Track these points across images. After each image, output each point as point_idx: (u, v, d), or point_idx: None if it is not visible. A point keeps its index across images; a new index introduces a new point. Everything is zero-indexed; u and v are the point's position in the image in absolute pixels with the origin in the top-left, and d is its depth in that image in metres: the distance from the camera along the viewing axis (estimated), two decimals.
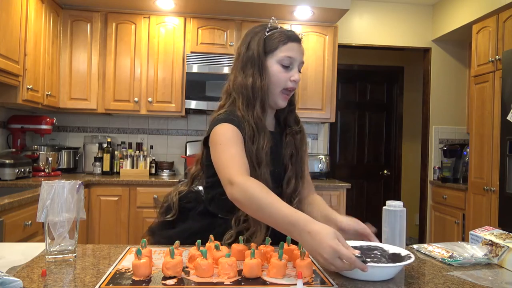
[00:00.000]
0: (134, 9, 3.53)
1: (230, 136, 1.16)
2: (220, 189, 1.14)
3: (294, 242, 1.07)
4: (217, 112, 1.28)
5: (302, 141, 1.34)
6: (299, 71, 1.29)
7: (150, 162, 3.65)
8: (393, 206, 1.13)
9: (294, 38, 1.28)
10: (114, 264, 1.00)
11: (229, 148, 1.14)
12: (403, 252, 1.03)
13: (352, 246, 1.01)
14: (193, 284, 0.88)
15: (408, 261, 0.95)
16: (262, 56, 1.25)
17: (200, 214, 1.31)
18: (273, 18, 1.31)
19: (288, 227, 0.95)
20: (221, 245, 1.05)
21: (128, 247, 1.16)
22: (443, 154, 4.15)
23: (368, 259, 0.92)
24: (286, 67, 1.26)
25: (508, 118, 2.91)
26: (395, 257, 1.01)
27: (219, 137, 1.17)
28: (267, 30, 1.28)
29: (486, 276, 1.00)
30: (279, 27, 1.31)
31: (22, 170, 2.94)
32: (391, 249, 1.05)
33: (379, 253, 1.04)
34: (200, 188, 1.37)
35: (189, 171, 1.40)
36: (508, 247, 1.06)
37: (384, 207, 1.14)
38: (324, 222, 0.96)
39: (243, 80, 1.25)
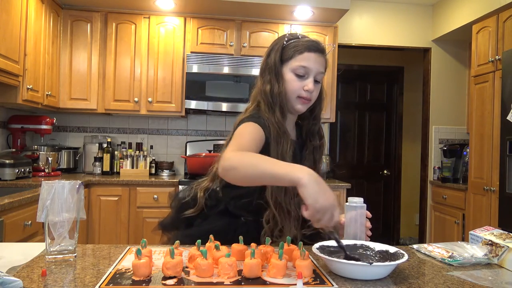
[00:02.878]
0: (134, 9, 3.53)
1: (250, 130, 1.19)
2: (239, 190, 1.16)
3: (294, 242, 1.07)
4: (243, 115, 1.31)
5: (321, 157, 1.34)
6: (318, 81, 1.29)
7: (150, 162, 3.65)
8: (354, 202, 1.14)
9: (311, 48, 1.27)
10: (114, 264, 1.00)
11: (242, 138, 1.16)
12: (391, 249, 1.02)
13: (335, 246, 1.03)
14: (193, 284, 0.88)
15: (404, 259, 0.95)
16: (278, 64, 1.28)
17: (220, 213, 1.31)
18: (291, 25, 1.33)
19: (290, 174, 0.93)
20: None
21: (128, 247, 1.16)
22: (443, 154, 4.15)
23: (372, 261, 0.92)
24: (301, 76, 1.27)
25: (508, 118, 2.91)
26: (385, 255, 1.01)
27: (239, 130, 1.20)
28: (286, 39, 1.30)
29: (486, 276, 1.00)
30: (300, 36, 1.31)
31: (22, 170, 2.94)
32: (377, 246, 1.05)
33: (367, 252, 1.04)
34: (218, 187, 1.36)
35: (212, 170, 1.38)
36: (508, 247, 1.06)
37: (345, 204, 1.15)
38: None
39: (263, 86, 1.30)
